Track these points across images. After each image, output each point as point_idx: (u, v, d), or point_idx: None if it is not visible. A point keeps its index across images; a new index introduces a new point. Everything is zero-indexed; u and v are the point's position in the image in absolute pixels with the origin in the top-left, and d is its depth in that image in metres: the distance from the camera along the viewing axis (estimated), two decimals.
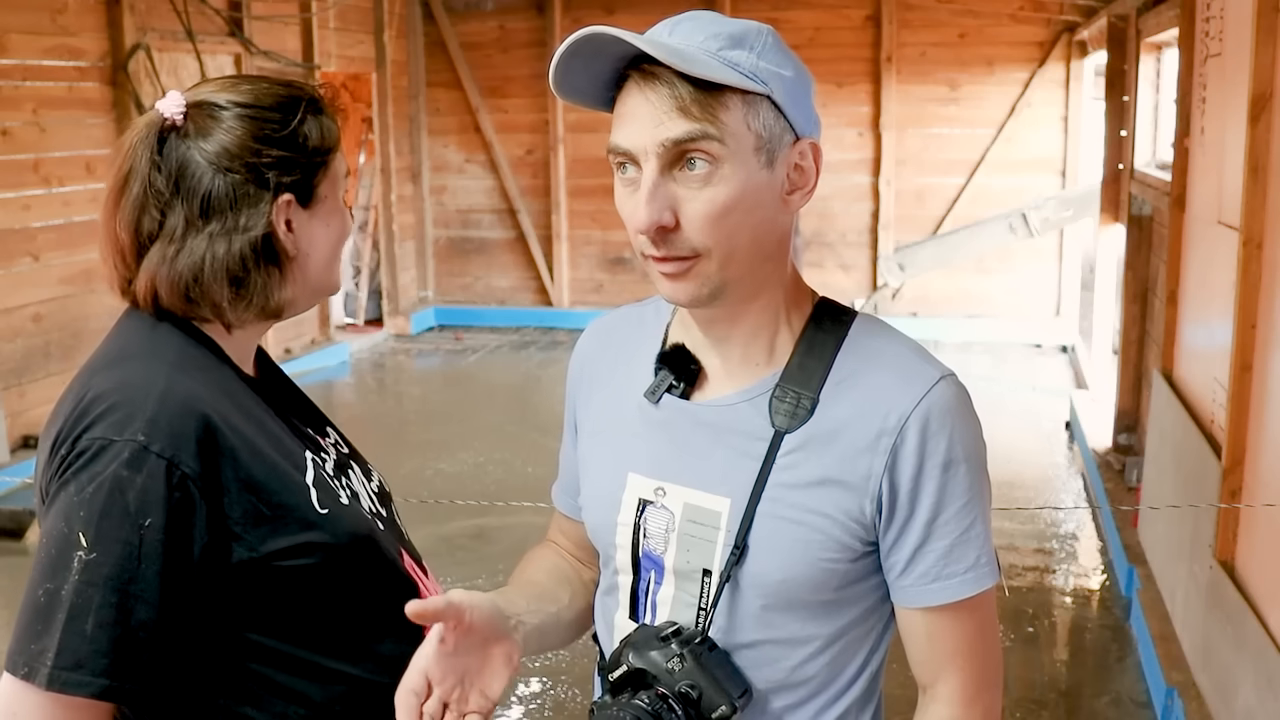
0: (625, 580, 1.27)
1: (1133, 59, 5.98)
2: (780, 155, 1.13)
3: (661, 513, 1.22)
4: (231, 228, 1.28)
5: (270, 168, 1.29)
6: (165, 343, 1.28)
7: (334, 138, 1.37)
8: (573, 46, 1.09)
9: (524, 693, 3.89)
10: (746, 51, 1.11)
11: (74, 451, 1.18)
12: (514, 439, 6.78)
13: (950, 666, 1.19)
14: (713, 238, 1.11)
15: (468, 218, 10.09)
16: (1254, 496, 3.18)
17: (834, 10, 8.95)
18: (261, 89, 1.33)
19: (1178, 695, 3.44)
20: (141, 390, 1.20)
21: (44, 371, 6.25)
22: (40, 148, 6.23)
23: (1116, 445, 5.75)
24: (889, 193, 9.13)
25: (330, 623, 1.28)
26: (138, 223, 1.28)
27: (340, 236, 1.39)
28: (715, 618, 1.19)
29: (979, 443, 1.18)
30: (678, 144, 1.09)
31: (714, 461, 1.20)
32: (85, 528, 1.15)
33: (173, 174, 1.28)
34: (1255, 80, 3.19)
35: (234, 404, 1.27)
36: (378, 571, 1.31)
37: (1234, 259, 3.30)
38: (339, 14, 8.78)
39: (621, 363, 1.31)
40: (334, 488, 1.31)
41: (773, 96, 1.11)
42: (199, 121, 1.29)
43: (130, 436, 1.17)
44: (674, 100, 1.08)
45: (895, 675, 1.28)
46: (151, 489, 1.16)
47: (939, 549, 1.16)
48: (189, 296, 1.28)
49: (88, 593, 1.13)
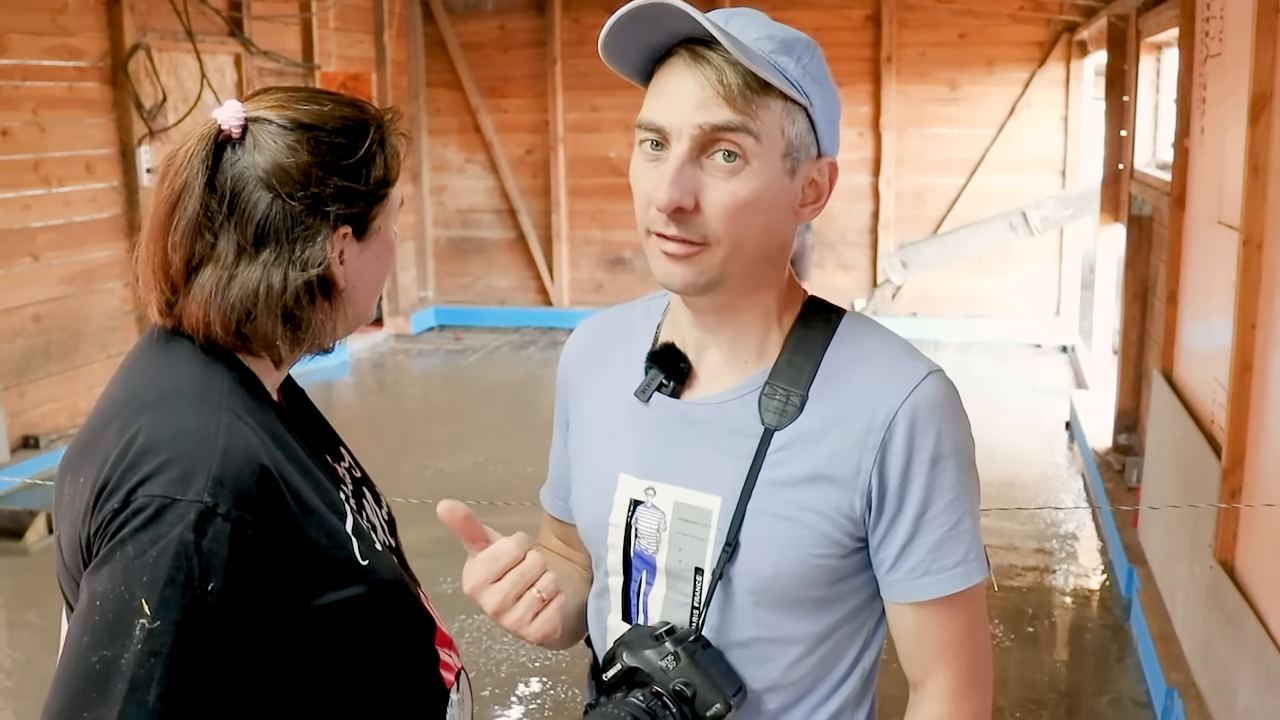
0: (616, 582, 1.27)
1: (1133, 59, 5.98)
2: (803, 166, 1.15)
3: (653, 512, 1.23)
4: (288, 259, 1.19)
5: (332, 199, 1.20)
6: (218, 382, 1.20)
7: (397, 169, 1.27)
8: (635, 10, 1.09)
9: (524, 693, 3.89)
10: (794, 60, 1.12)
11: (129, 508, 1.10)
12: (514, 439, 6.78)
13: (940, 662, 1.20)
14: (726, 229, 1.12)
15: (468, 218, 10.09)
16: (1254, 496, 3.18)
17: (834, 10, 8.95)
18: (327, 110, 1.23)
19: (1178, 695, 3.44)
20: (201, 442, 1.13)
21: (44, 371, 6.25)
22: (40, 148, 6.23)
23: (1116, 445, 5.75)
24: (889, 193, 9.13)
25: (361, 664, 1.24)
26: (192, 244, 1.19)
27: (386, 269, 1.31)
28: (708, 616, 1.19)
29: (967, 438, 1.19)
30: (716, 130, 1.09)
31: (704, 460, 1.20)
32: (148, 594, 1.08)
33: (227, 194, 1.18)
34: (1255, 80, 3.19)
35: (282, 448, 1.20)
36: (407, 613, 1.28)
37: (1234, 259, 3.30)
38: (339, 14, 8.78)
39: (612, 362, 1.30)
40: (368, 533, 1.26)
41: (810, 110, 1.14)
42: (260, 138, 1.19)
43: (195, 497, 1.10)
44: (721, 87, 1.09)
45: (894, 675, 1.28)
46: (216, 553, 1.10)
47: (928, 543, 1.16)
48: (241, 331, 1.20)
49: (150, 663, 1.07)
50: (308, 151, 1.19)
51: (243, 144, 1.19)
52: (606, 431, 1.29)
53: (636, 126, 1.14)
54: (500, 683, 3.95)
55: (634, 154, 1.16)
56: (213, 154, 1.19)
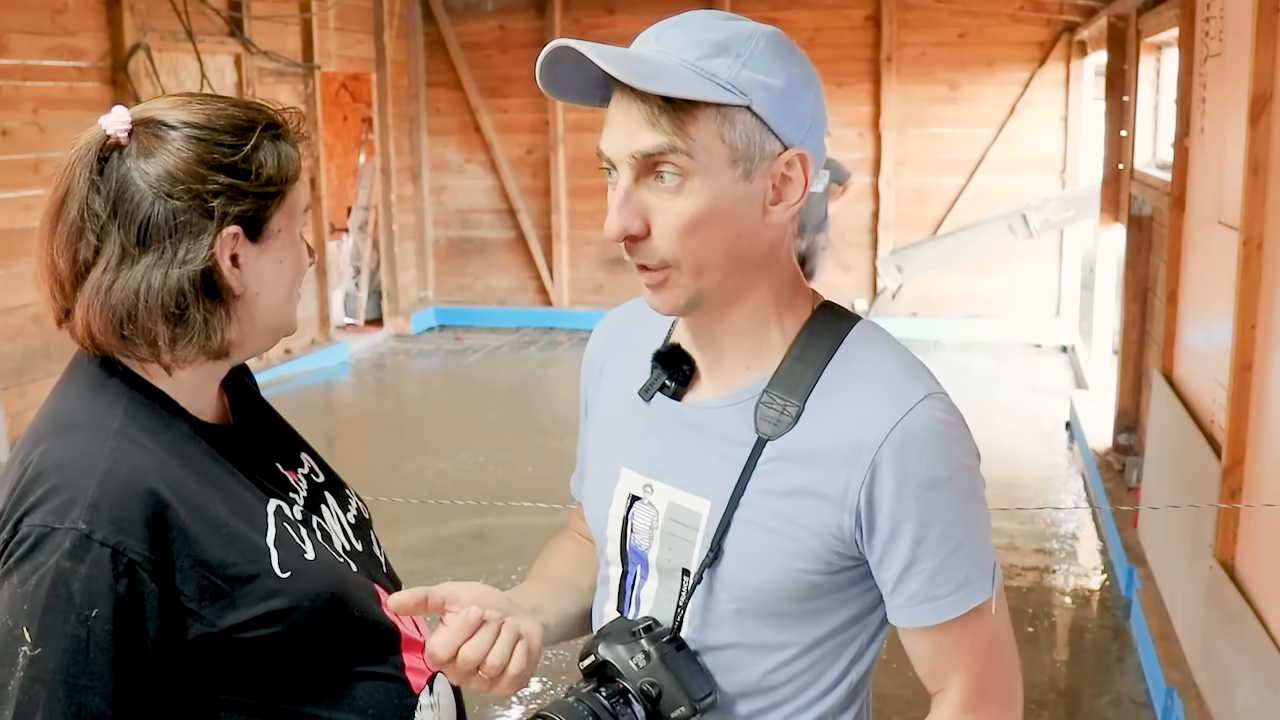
0: (615, 572, 1.28)
1: (1133, 59, 5.98)
2: (761, 166, 1.11)
3: (648, 509, 1.23)
4: (170, 259, 1.17)
5: (216, 196, 1.18)
6: (111, 406, 1.20)
7: (293, 168, 1.25)
8: (550, 56, 1.09)
9: (524, 693, 3.88)
10: (730, 59, 1.08)
11: (15, 537, 1.12)
12: (514, 439, 6.78)
13: (952, 678, 1.18)
14: (681, 249, 1.11)
15: (468, 218, 10.09)
16: (1254, 496, 3.18)
17: (834, 10, 8.95)
18: (216, 109, 1.22)
19: (1178, 695, 3.44)
20: (83, 470, 1.14)
21: (44, 371, 6.25)
22: (40, 148, 6.22)
23: (1116, 445, 5.75)
24: (889, 193, 9.13)
25: (300, 675, 1.24)
26: (75, 249, 1.19)
27: (295, 275, 1.28)
28: (689, 618, 1.19)
29: (965, 463, 1.15)
30: (647, 156, 1.09)
31: (698, 463, 1.20)
32: (29, 622, 1.09)
33: (111, 197, 1.17)
34: (1255, 80, 3.19)
35: (187, 467, 1.19)
36: (347, 624, 1.25)
37: (1234, 259, 3.30)
38: (339, 14, 8.78)
39: (629, 356, 1.31)
40: (297, 543, 1.24)
41: (752, 107, 1.09)
42: (144, 141, 1.18)
43: (71, 524, 1.11)
44: (644, 112, 1.08)
45: (895, 675, 1.28)
46: (96, 579, 1.10)
47: (925, 571, 1.13)
48: (123, 333, 1.18)
49: (34, 689, 1.09)
50: (190, 149, 1.18)
51: (129, 148, 1.19)
52: (614, 425, 1.30)
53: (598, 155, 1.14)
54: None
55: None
56: (99, 159, 1.19)
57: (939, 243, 9.03)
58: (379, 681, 1.28)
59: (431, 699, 1.33)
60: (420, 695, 1.32)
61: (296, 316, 1.32)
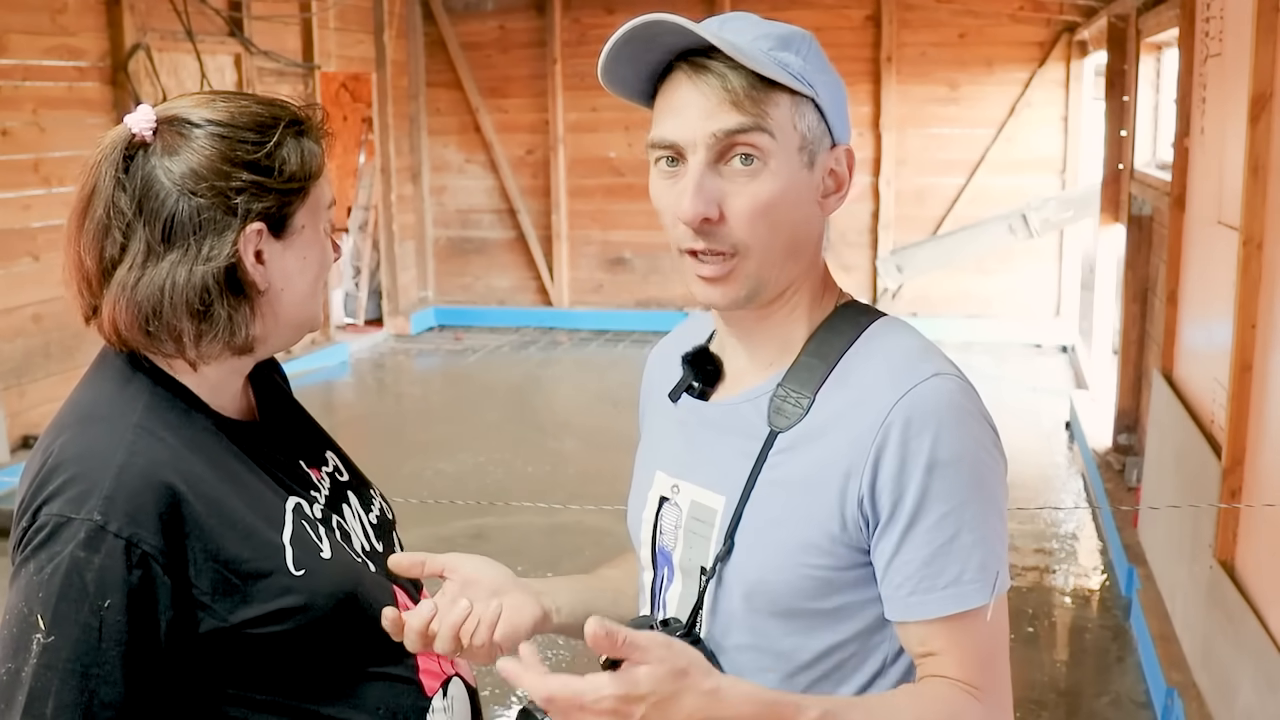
0: (647, 577, 1.28)
1: (1133, 59, 5.98)
2: (820, 158, 1.15)
3: (673, 509, 1.24)
4: (194, 256, 1.19)
5: (239, 192, 1.20)
6: (133, 400, 1.21)
7: (316, 164, 1.27)
8: (629, 33, 1.10)
9: (524, 693, 3.88)
10: (794, 54, 1.13)
11: (34, 526, 1.15)
12: (514, 439, 6.78)
13: (945, 670, 1.12)
14: (755, 234, 1.12)
15: (468, 218, 10.09)
16: (1254, 496, 3.18)
17: (834, 10, 8.95)
18: (240, 107, 1.23)
19: (1178, 695, 3.44)
20: (100, 462, 1.15)
21: (44, 371, 6.25)
22: (40, 148, 6.22)
23: (1116, 445, 5.75)
24: (889, 193, 9.13)
25: (311, 673, 1.24)
26: (101, 247, 1.20)
27: (320, 271, 1.30)
28: (705, 617, 1.19)
29: (974, 445, 1.12)
30: (729, 135, 1.10)
31: (717, 460, 1.20)
32: (43, 610, 1.12)
33: (137, 195, 1.19)
34: (1255, 80, 3.19)
35: (206, 462, 1.21)
36: (361, 624, 1.25)
37: (1234, 259, 3.30)
38: (339, 14, 8.78)
39: (667, 370, 1.32)
40: (313, 541, 1.25)
41: (817, 100, 1.13)
42: (168, 139, 1.20)
43: (87, 515, 1.13)
44: (727, 93, 1.09)
45: None
46: (110, 569, 1.12)
47: (917, 558, 1.09)
48: (148, 329, 1.20)
49: (46, 676, 1.11)
50: (214, 147, 1.20)
51: (154, 146, 1.21)
52: (653, 431, 1.33)
53: (649, 146, 1.15)
54: (500, 682, 3.94)
55: (651, 174, 1.16)
56: (124, 158, 1.20)
57: (939, 243, 9.03)
58: (392, 683, 1.28)
59: (445, 702, 1.33)
60: (434, 698, 1.32)
61: (321, 312, 1.35)
